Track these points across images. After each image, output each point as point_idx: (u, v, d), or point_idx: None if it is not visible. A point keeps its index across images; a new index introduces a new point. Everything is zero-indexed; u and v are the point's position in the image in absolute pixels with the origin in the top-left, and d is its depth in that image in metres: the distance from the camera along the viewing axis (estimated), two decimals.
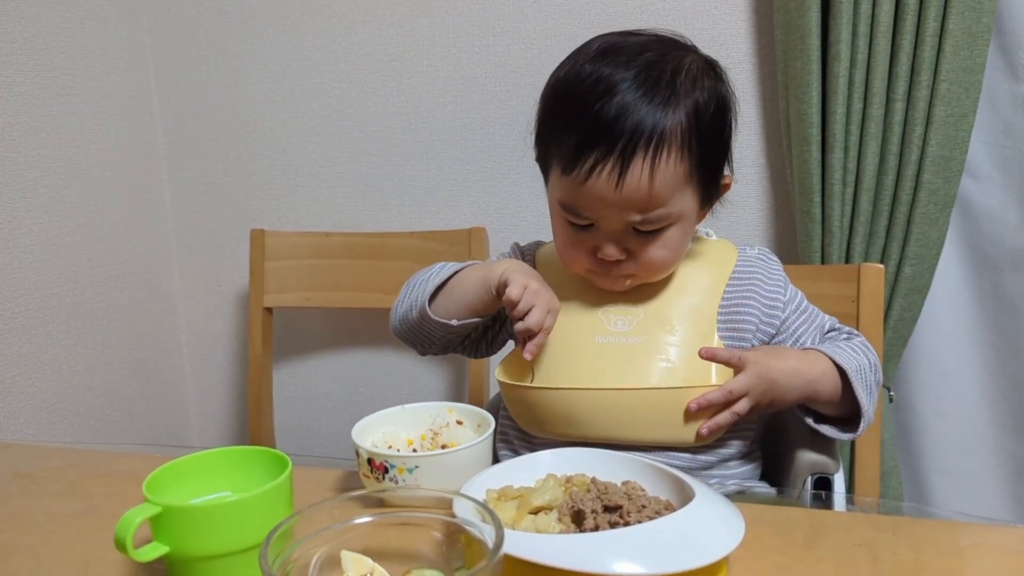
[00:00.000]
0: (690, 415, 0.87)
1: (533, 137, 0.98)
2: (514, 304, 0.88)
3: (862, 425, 0.90)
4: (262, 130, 1.69)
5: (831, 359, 0.89)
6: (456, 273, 0.98)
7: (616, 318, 0.95)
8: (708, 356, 0.87)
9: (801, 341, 0.97)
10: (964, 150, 1.28)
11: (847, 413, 0.92)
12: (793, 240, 1.42)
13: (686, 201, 0.89)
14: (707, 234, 1.03)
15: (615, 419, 0.89)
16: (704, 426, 0.87)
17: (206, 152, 1.73)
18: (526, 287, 0.88)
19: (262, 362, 1.62)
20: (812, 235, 1.34)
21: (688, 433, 0.89)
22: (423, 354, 1.07)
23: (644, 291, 0.97)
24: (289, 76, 1.65)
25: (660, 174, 0.85)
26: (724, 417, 0.86)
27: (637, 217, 0.87)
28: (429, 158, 1.62)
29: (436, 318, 0.95)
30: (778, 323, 0.96)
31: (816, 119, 1.30)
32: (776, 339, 0.97)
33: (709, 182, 0.92)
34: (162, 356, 1.77)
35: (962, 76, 1.24)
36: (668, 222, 0.89)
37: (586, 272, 0.95)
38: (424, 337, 1.01)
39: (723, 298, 0.96)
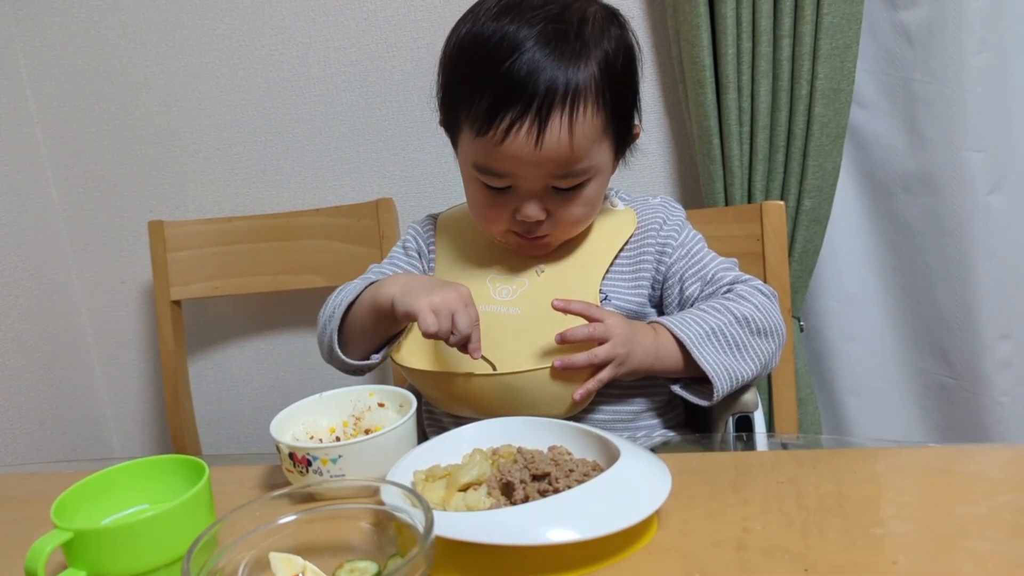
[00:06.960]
0: (570, 389, 0.85)
1: (437, 101, 0.95)
2: (436, 335, 0.81)
3: (719, 385, 0.85)
4: (148, 117, 1.61)
5: (669, 330, 0.87)
6: (352, 305, 0.93)
7: (502, 286, 0.94)
8: (561, 308, 0.84)
9: (684, 287, 0.96)
10: (851, 80, 1.31)
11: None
12: (697, 183, 1.44)
13: (603, 154, 0.89)
14: (612, 203, 1.02)
15: (500, 399, 0.87)
16: (577, 392, 0.84)
17: (91, 145, 1.64)
18: (432, 310, 0.81)
19: (175, 357, 1.57)
20: (714, 177, 1.36)
21: (574, 406, 0.88)
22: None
23: (534, 260, 0.96)
24: (170, 58, 1.57)
25: (579, 128, 0.84)
26: (592, 384, 0.84)
27: (559, 174, 0.86)
28: (327, 131, 1.57)
29: (355, 362, 0.91)
30: (664, 269, 0.97)
31: (708, 61, 1.31)
32: (665, 284, 0.97)
33: (622, 132, 0.91)
34: (69, 362, 1.69)
35: (843, 7, 1.26)
36: (588, 176, 0.88)
37: (504, 235, 0.93)
38: (357, 370, 0.97)
39: (619, 257, 0.96)
